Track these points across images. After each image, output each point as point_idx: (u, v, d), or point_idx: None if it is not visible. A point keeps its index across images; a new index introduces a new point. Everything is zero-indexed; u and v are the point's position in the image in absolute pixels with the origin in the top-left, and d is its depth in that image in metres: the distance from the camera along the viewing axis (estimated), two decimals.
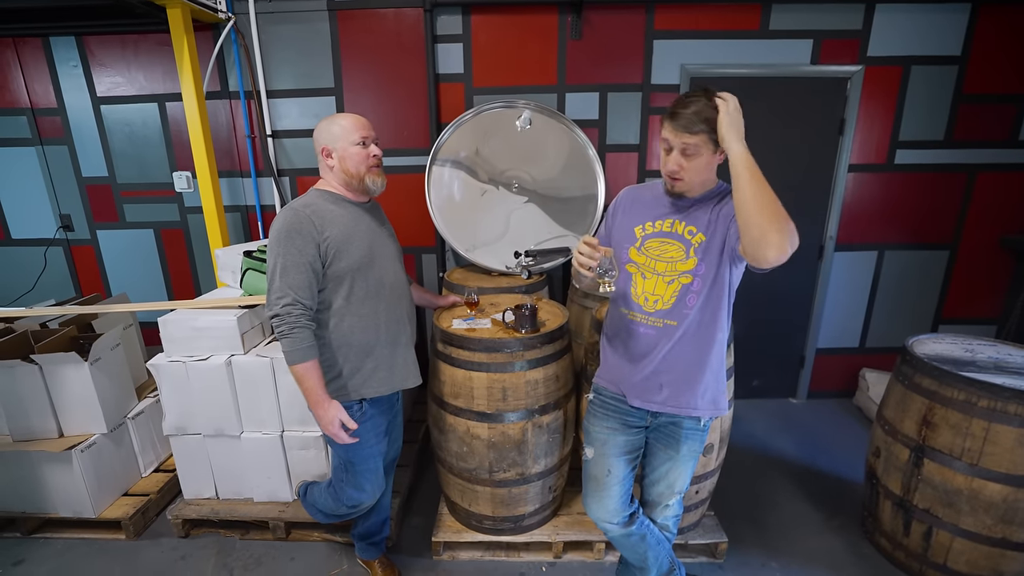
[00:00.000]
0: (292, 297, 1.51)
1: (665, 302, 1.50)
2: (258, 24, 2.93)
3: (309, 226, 1.52)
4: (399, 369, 1.74)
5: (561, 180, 2.93)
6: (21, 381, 2.19)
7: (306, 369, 1.54)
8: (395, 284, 1.73)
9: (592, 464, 1.69)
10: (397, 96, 3.05)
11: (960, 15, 2.86)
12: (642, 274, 1.53)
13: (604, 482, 1.65)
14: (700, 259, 1.45)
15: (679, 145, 1.37)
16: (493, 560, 2.18)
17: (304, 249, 1.51)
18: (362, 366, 1.67)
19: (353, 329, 1.64)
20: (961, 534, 1.88)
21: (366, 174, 1.64)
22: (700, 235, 1.46)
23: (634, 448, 1.65)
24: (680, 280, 1.48)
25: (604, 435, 1.65)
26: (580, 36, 2.92)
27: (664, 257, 1.50)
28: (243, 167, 3.20)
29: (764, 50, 2.92)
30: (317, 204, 1.59)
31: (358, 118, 1.64)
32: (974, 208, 3.15)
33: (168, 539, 2.31)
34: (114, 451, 2.37)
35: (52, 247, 3.41)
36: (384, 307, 1.68)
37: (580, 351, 2.38)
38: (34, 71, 3.11)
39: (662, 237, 1.51)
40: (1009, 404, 1.73)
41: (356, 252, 1.60)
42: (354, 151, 1.61)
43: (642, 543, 1.71)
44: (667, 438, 1.61)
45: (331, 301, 1.61)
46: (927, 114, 3.01)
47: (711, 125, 1.33)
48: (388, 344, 1.70)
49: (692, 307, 1.47)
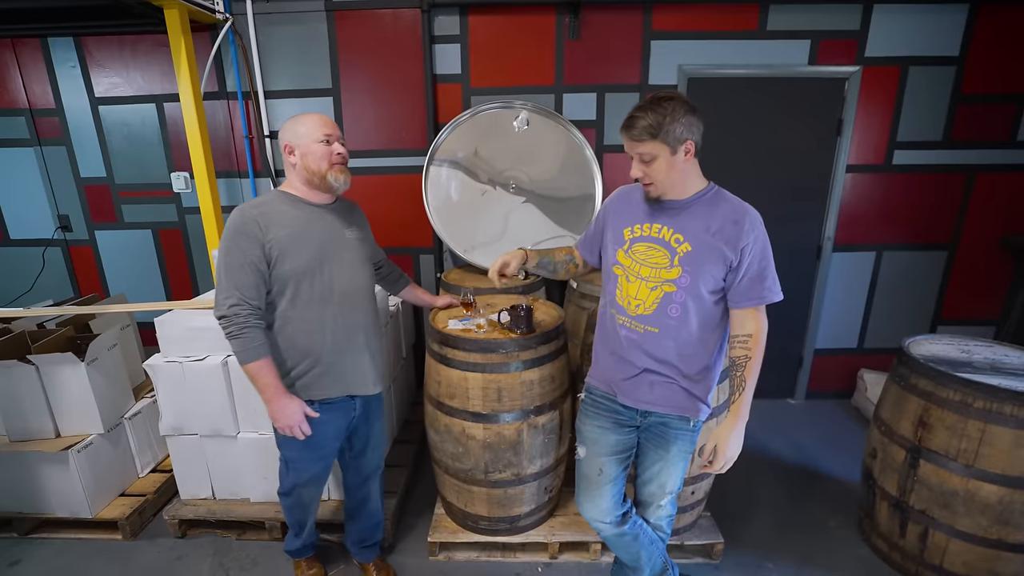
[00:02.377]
0: (238, 297, 1.50)
1: (647, 308, 1.49)
2: (255, 25, 2.94)
3: (253, 227, 1.52)
4: (348, 376, 1.70)
5: (559, 180, 2.93)
6: (18, 381, 2.19)
7: (259, 367, 1.54)
8: (349, 290, 1.67)
9: (584, 463, 1.69)
10: (395, 96, 3.05)
11: (958, 15, 2.85)
12: (627, 277, 1.52)
13: (596, 481, 1.66)
14: (684, 271, 1.44)
15: (635, 154, 1.42)
16: (489, 561, 2.18)
17: (248, 249, 1.51)
18: (308, 370, 1.65)
19: (297, 333, 1.61)
20: (957, 535, 1.88)
21: (328, 171, 1.61)
22: (687, 244, 1.44)
23: (626, 448, 1.66)
24: (663, 288, 1.47)
25: (595, 434, 1.66)
26: (578, 36, 2.92)
27: (649, 262, 1.49)
28: (241, 168, 3.21)
29: (762, 50, 2.92)
30: (269, 205, 1.59)
31: (323, 117, 1.64)
32: (973, 208, 3.14)
33: (165, 539, 2.31)
34: (111, 451, 2.37)
35: (50, 247, 3.41)
36: (332, 313, 1.64)
37: (576, 352, 2.38)
38: (32, 72, 3.12)
39: (649, 242, 1.49)
40: (1005, 405, 1.73)
41: (302, 255, 1.57)
42: (316, 148, 1.59)
43: (635, 543, 1.71)
44: (657, 438, 1.60)
45: (276, 303, 1.60)
46: (925, 114, 3.01)
47: (656, 131, 1.35)
48: (334, 351, 1.66)
49: (675, 316, 1.47)
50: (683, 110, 1.35)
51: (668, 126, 1.34)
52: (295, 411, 1.59)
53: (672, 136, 1.35)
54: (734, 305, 1.45)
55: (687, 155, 1.39)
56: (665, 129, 1.34)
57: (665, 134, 1.35)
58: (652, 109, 1.35)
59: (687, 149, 1.38)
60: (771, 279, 1.43)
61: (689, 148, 1.38)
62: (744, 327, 1.45)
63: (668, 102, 1.35)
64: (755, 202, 1.48)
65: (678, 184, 1.44)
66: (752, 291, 1.43)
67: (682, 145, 1.37)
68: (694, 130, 1.38)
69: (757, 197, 3.35)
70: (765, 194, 3.03)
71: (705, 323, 1.48)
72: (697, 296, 1.44)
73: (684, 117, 1.35)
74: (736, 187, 1.55)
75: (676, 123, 1.34)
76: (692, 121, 1.36)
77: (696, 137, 1.39)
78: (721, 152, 3.04)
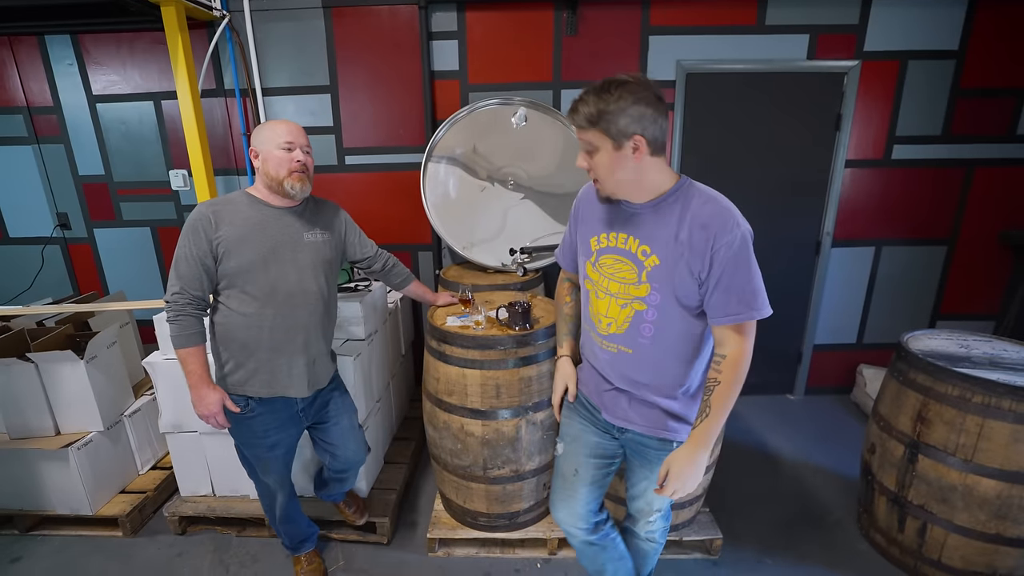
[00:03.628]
0: (180, 286, 1.60)
1: (619, 326, 1.35)
2: (253, 22, 2.93)
3: (206, 223, 1.60)
4: (281, 376, 1.73)
5: (557, 177, 2.93)
6: (17, 379, 2.20)
7: (188, 353, 1.63)
8: (295, 293, 1.70)
9: (562, 460, 1.61)
10: (392, 93, 3.04)
11: (957, 9, 2.84)
12: (596, 293, 1.39)
13: (571, 481, 1.58)
14: (653, 287, 1.27)
15: (582, 144, 1.24)
16: (488, 557, 2.19)
17: (197, 244, 1.60)
18: (244, 364, 1.71)
19: (237, 326, 1.68)
20: (955, 530, 1.88)
21: (285, 178, 1.66)
22: (654, 257, 1.26)
23: (605, 454, 1.55)
24: (634, 306, 1.31)
25: (576, 431, 1.57)
26: (575, 32, 2.91)
27: (616, 277, 1.33)
28: (239, 165, 3.20)
29: (760, 45, 2.91)
30: (227, 204, 1.67)
31: (292, 125, 1.69)
32: (972, 203, 3.13)
33: (165, 536, 2.32)
34: (111, 449, 2.38)
35: (49, 245, 3.41)
36: (272, 313, 1.67)
37: None
38: (30, 69, 3.11)
39: (615, 254, 1.33)
40: (1003, 400, 1.73)
41: (247, 255, 1.63)
42: (277, 155, 1.64)
43: (601, 554, 1.63)
44: (639, 456, 1.49)
45: (221, 296, 1.68)
46: (924, 109, 3.00)
47: (595, 119, 1.16)
48: (271, 350, 1.70)
49: (648, 336, 1.32)
50: (632, 99, 1.13)
51: (610, 116, 1.14)
52: (214, 402, 1.67)
53: (615, 128, 1.15)
54: (711, 320, 1.25)
55: (636, 152, 1.18)
56: (607, 119, 1.15)
57: (607, 124, 1.15)
58: (598, 94, 1.16)
59: (635, 145, 1.17)
60: (749, 292, 1.19)
61: (638, 144, 1.17)
62: (722, 346, 1.25)
63: (618, 88, 1.14)
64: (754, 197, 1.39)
65: (629, 184, 1.24)
66: (726, 305, 1.21)
67: (628, 140, 1.16)
68: (646, 124, 1.15)
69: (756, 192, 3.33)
70: (764, 189, 3.02)
71: (685, 340, 1.31)
72: (670, 314, 1.28)
73: (633, 108, 1.13)
74: (735, 183, 1.50)
75: (621, 114, 1.14)
76: (644, 113, 1.14)
77: (650, 133, 1.17)
78: (720, 148, 3.04)
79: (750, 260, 1.20)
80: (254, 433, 1.78)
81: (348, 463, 2.02)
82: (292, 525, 2.02)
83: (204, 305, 1.66)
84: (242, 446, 1.85)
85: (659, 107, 1.17)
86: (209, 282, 1.65)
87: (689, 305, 1.26)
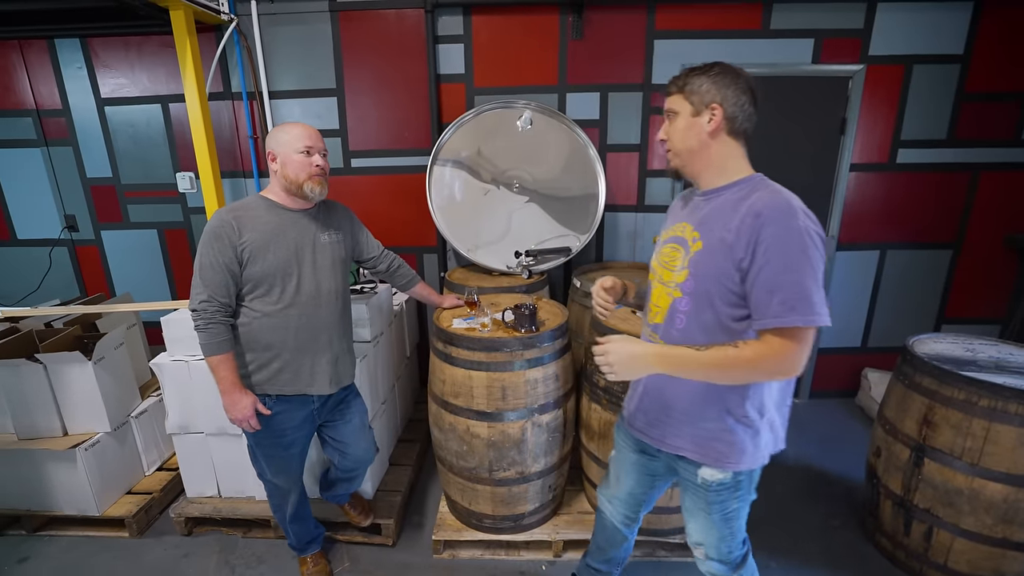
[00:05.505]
0: (208, 294, 1.61)
1: (662, 316, 1.30)
2: (260, 25, 2.95)
3: (229, 230, 1.62)
4: (304, 375, 1.77)
5: (562, 180, 2.94)
6: (26, 380, 2.21)
7: (219, 361, 1.64)
8: (316, 293, 1.75)
9: (611, 462, 1.65)
10: (398, 96, 3.06)
11: (962, 13, 2.84)
12: (653, 283, 1.37)
13: (614, 484, 1.63)
14: (691, 274, 1.20)
15: (664, 113, 1.28)
16: (493, 559, 2.19)
17: (222, 251, 1.61)
18: (268, 364, 1.73)
19: (262, 329, 1.70)
20: (962, 534, 1.87)
21: (305, 181, 1.68)
22: (699, 243, 1.20)
23: (648, 472, 1.50)
24: (673, 294, 1.25)
25: (619, 444, 1.58)
26: (581, 36, 2.92)
27: (668, 265, 1.30)
28: (246, 168, 3.22)
29: (765, 49, 2.92)
30: (246, 209, 1.68)
31: (308, 129, 1.71)
32: (978, 207, 3.13)
33: (171, 537, 2.33)
34: (118, 450, 2.39)
35: (57, 247, 3.43)
36: (297, 314, 1.71)
37: (580, 350, 2.39)
38: (39, 73, 3.14)
39: (673, 243, 1.31)
40: (1010, 403, 1.72)
41: (272, 259, 1.66)
42: (296, 158, 1.67)
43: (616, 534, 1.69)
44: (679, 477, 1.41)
45: (246, 300, 1.69)
46: (929, 113, 3.00)
47: (682, 84, 1.20)
48: (295, 350, 1.74)
49: (680, 328, 1.24)
50: (719, 71, 1.17)
51: (695, 82, 1.18)
52: (247, 406, 1.68)
53: (696, 93, 1.17)
54: (754, 325, 1.13)
55: (712, 122, 1.18)
56: (691, 84, 1.18)
57: (690, 89, 1.18)
58: (694, 67, 1.21)
59: (713, 114, 1.17)
60: (797, 293, 1.05)
61: (716, 113, 1.17)
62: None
63: (713, 64, 1.19)
64: None
65: (698, 157, 1.22)
66: (767, 306, 1.08)
67: (707, 108, 1.17)
68: (727, 98, 1.16)
69: None
70: None
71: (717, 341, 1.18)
72: (705, 307, 1.19)
73: (719, 78, 1.16)
74: None
75: (705, 81, 1.17)
76: (727, 87, 1.16)
77: (729, 108, 1.17)
78: None
79: (803, 258, 1.06)
80: (272, 432, 1.80)
81: (358, 462, 2.03)
82: (301, 524, 2.03)
83: (231, 311, 1.67)
84: (257, 446, 1.85)
85: (745, 90, 1.17)
86: (235, 288, 1.66)
87: (724, 300, 1.16)
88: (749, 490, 1.35)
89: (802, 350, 1.07)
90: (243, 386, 1.70)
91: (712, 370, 1.13)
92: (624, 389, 1.94)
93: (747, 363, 1.09)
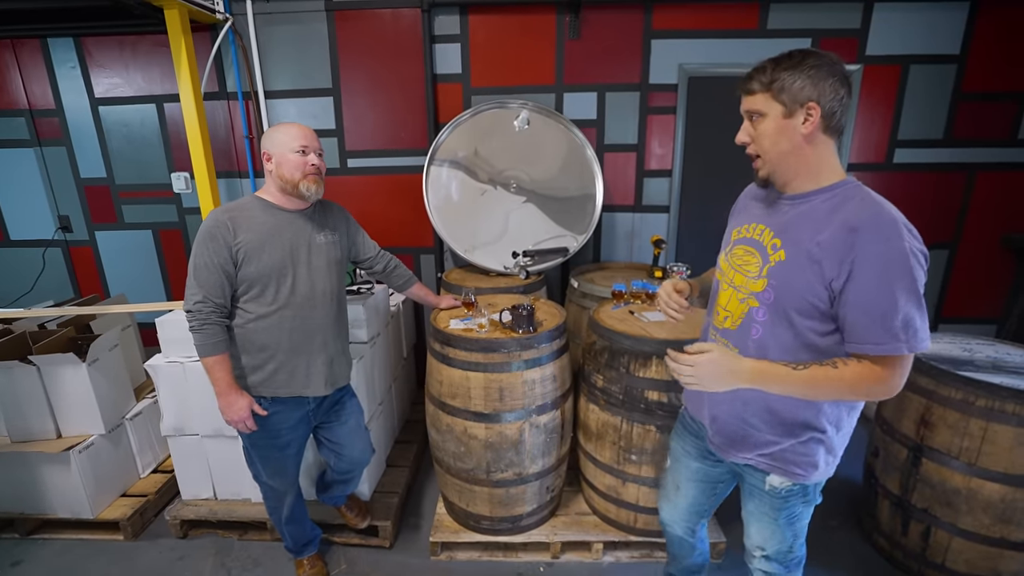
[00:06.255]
0: (203, 295, 1.60)
1: (734, 321, 1.24)
2: (256, 25, 2.93)
3: (224, 230, 1.60)
4: (300, 376, 1.76)
5: (559, 180, 2.93)
6: (19, 382, 2.19)
7: (215, 362, 1.63)
8: (312, 294, 1.74)
9: (667, 474, 1.62)
10: (395, 96, 3.05)
11: (959, 13, 2.85)
12: (722, 284, 1.29)
13: (673, 495, 1.60)
14: (770, 285, 1.13)
15: (744, 113, 1.14)
16: (491, 560, 2.18)
17: (217, 251, 1.60)
18: (263, 366, 1.72)
19: (257, 330, 1.69)
20: (959, 533, 1.88)
21: (300, 180, 1.67)
22: (781, 252, 1.12)
23: (710, 479, 1.47)
24: (749, 302, 1.18)
25: (678, 453, 1.54)
26: (578, 36, 2.92)
27: (742, 269, 1.22)
28: (241, 168, 3.20)
29: (762, 49, 2.87)
30: (241, 210, 1.67)
31: (303, 128, 1.70)
32: (974, 207, 3.14)
33: (166, 540, 2.31)
34: (112, 452, 2.37)
35: (51, 248, 3.41)
36: (292, 315, 1.70)
37: (578, 351, 2.38)
38: (32, 72, 3.11)
39: (747, 245, 1.23)
40: (1007, 403, 1.72)
41: (267, 260, 1.65)
42: (292, 158, 1.66)
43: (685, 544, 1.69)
44: (742, 482, 1.38)
45: (241, 301, 1.68)
46: (926, 113, 3.00)
47: (769, 81, 1.07)
48: (290, 351, 1.73)
49: (756, 339, 1.18)
50: (813, 62, 1.03)
51: (786, 77, 1.04)
52: (243, 407, 1.67)
53: (788, 91, 1.05)
54: (848, 346, 1.08)
55: (807, 123, 1.05)
56: (781, 81, 1.05)
57: (779, 87, 1.05)
58: (777, 60, 1.07)
59: (808, 114, 1.05)
60: (897, 319, 0.99)
61: (812, 113, 1.04)
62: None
63: (800, 54, 1.05)
64: None
65: (793, 160, 1.11)
66: (866, 331, 1.02)
67: (802, 107, 1.05)
68: (824, 92, 1.03)
69: None
70: None
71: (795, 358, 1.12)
72: (783, 320, 1.12)
73: (813, 71, 1.03)
74: (737, 186, 1.49)
75: (799, 75, 1.03)
76: (823, 80, 1.03)
77: (827, 104, 1.04)
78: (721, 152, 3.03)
79: (908, 282, 0.99)
80: (268, 433, 1.78)
81: (354, 463, 2.02)
82: (297, 526, 2.02)
83: (227, 312, 1.66)
84: (253, 447, 1.84)
85: (843, 79, 1.05)
86: (231, 288, 1.65)
87: (807, 315, 1.10)
88: (816, 495, 1.33)
89: (903, 375, 1.05)
90: (239, 387, 1.69)
91: (807, 388, 1.09)
92: (623, 392, 1.94)
93: (846, 386, 1.06)
